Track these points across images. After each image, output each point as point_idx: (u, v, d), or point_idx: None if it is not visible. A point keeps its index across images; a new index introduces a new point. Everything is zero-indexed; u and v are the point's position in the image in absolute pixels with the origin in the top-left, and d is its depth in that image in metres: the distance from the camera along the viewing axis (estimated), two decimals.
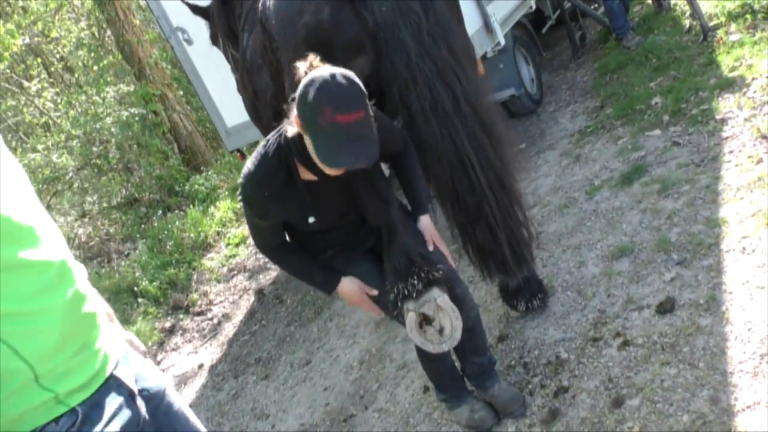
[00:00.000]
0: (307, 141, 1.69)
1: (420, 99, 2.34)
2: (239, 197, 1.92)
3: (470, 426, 2.36)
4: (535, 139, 4.62)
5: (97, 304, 1.29)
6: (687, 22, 5.01)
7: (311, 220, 1.95)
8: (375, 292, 2.10)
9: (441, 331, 1.97)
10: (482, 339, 2.36)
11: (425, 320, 1.97)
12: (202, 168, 7.89)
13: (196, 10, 4.07)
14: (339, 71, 1.64)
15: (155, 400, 1.34)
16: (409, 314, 1.96)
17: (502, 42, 4.38)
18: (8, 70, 8.33)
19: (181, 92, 8.72)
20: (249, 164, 1.88)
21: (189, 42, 4.90)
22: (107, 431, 1.17)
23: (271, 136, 1.89)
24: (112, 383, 1.24)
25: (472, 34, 3.81)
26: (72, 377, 1.16)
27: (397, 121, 2.65)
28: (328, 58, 2.03)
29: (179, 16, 4.63)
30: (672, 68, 4.41)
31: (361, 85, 1.67)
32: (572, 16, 6.07)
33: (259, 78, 3.17)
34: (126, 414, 1.23)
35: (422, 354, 2.26)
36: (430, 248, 2.08)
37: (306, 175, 1.87)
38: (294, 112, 1.70)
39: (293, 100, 1.69)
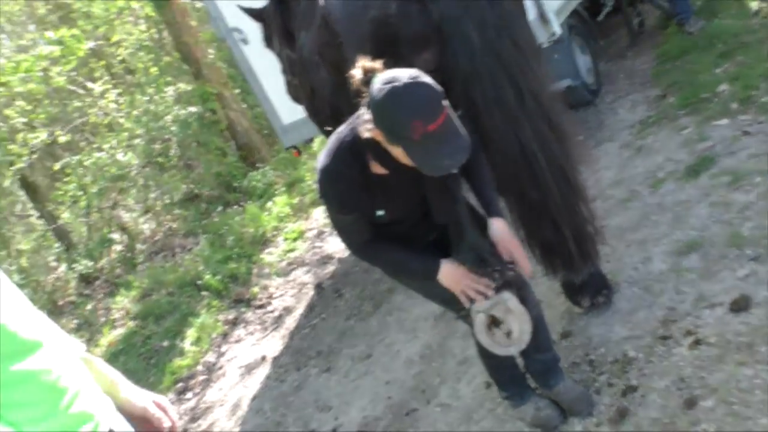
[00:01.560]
0: (396, 149, 1.69)
1: (483, 93, 2.33)
2: (319, 195, 1.93)
3: (536, 424, 2.36)
4: (594, 130, 4.53)
5: (72, 373, 1.30)
6: (755, 4, 4.80)
7: (380, 213, 1.95)
8: (477, 276, 1.98)
9: (509, 334, 1.96)
10: (545, 337, 2.34)
11: (494, 322, 1.97)
12: (258, 164, 8.07)
13: (250, 12, 4.17)
14: (408, 77, 1.63)
15: None
16: (479, 316, 1.96)
17: (558, 32, 4.30)
18: (74, 73, 8.66)
19: (238, 90, 8.91)
20: (324, 159, 1.88)
21: (245, 42, 4.99)
22: None
23: (344, 130, 1.88)
24: None
25: None
26: None
27: (458, 115, 2.65)
28: (393, 52, 2.04)
29: (235, 17, 4.72)
30: (739, 53, 4.24)
31: (433, 82, 1.66)
32: (630, 2, 5.89)
33: (315, 75, 3.22)
34: None
35: (482, 351, 2.26)
36: (505, 257, 2.01)
37: (377, 169, 1.88)
38: (369, 119, 1.70)
39: (368, 107, 1.70)
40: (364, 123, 1.74)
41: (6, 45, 12.17)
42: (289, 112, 4.88)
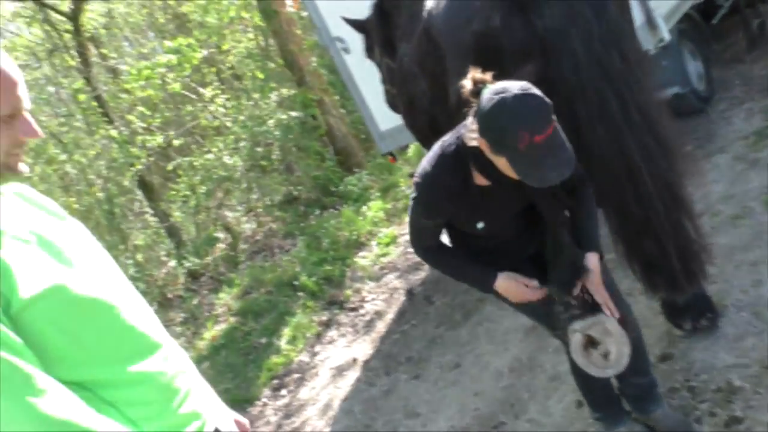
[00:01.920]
0: (500, 159, 1.70)
1: (587, 107, 2.29)
2: (412, 195, 1.96)
3: None
4: (703, 141, 4.29)
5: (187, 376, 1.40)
6: None
7: (480, 225, 1.96)
8: (535, 283, 2.00)
9: (606, 355, 1.92)
10: (644, 359, 2.26)
11: (591, 343, 1.93)
12: (354, 169, 8.26)
13: (353, 23, 4.31)
14: (519, 88, 1.64)
15: None
16: (575, 335, 1.93)
17: (667, 38, 4.12)
18: (187, 78, 9.24)
19: (337, 97, 9.17)
20: (426, 164, 1.92)
21: (347, 51, 5.15)
22: None
23: (449, 138, 1.91)
24: None
25: None
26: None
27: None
28: (496, 64, 2.05)
29: (338, 26, 4.88)
30: None
31: (543, 95, 1.66)
32: (748, 2, 5.51)
33: (414, 85, 3.28)
34: None
35: (575, 369, 2.21)
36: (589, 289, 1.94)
37: (480, 180, 1.89)
38: (475, 128, 1.72)
39: (475, 116, 1.71)
40: (469, 132, 1.76)
41: (128, 52, 13.22)
42: (387, 119, 4.98)
